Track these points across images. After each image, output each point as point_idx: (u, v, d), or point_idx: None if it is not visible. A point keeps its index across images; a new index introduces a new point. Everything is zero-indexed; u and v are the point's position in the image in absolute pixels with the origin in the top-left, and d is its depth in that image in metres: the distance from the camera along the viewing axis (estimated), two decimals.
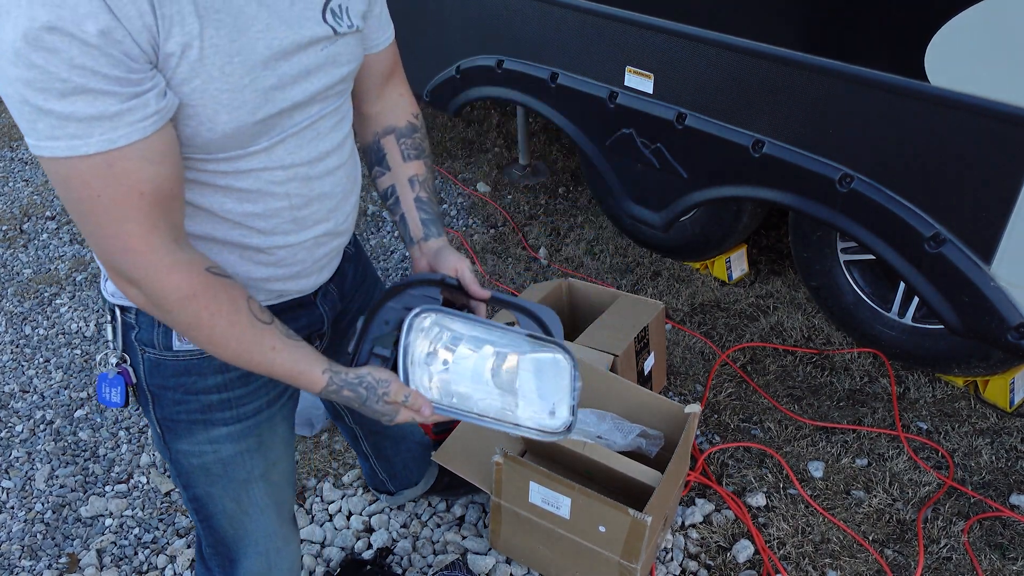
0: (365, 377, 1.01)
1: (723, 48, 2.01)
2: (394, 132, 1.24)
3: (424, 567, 1.90)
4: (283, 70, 0.91)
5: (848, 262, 2.45)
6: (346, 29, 0.99)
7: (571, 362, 1.09)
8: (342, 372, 1.00)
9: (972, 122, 1.65)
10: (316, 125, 1.00)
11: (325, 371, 0.98)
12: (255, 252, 1.03)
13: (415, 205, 1.21)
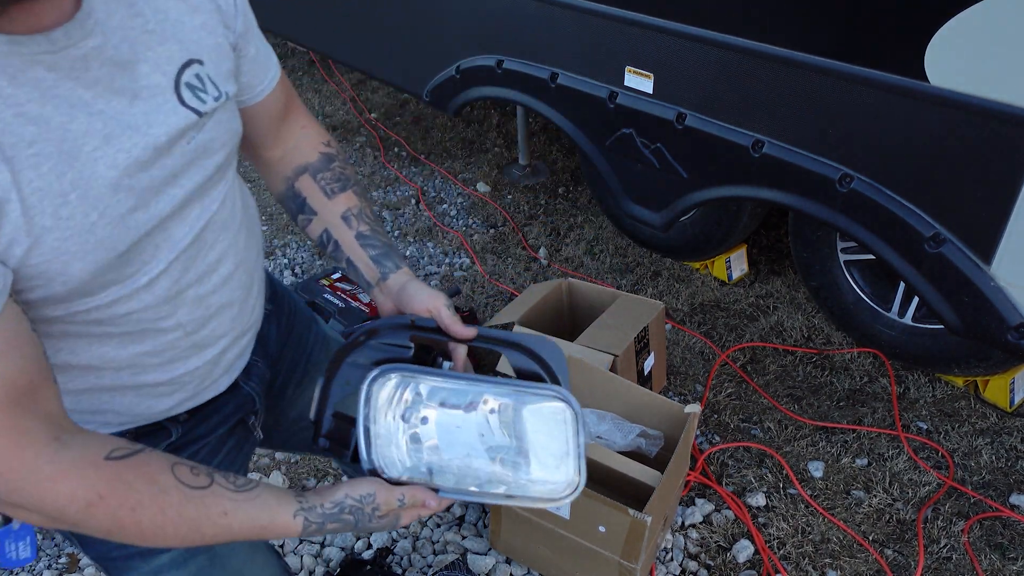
0: (344, 502, 0.83)
1: (723, 48, 2.01)
2: (307, 170, 1.05)
3: (424, 567, 1.90)
4: (142, 185, 0.72)
5: (848, 262, 2.45)
6: (212, 103, 0.80)
7: (573, 410, 0.88)
8: (316, 506, 0.82)
9: (972, 122, 1.65)
10: (202, 237, 0.83)
11: (297, 514, 0.81)
12: (153, 387, 0.87)
13: (359, 244, 1.02)
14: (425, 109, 4.31)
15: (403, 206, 3.46)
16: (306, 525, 0.81)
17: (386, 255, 1.02)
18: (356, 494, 0.84)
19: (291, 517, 0.80)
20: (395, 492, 0.84)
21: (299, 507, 0.81)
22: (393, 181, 3.66)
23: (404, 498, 0.85)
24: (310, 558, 1.93)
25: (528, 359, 0.91)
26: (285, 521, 0.80)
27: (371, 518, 0.84)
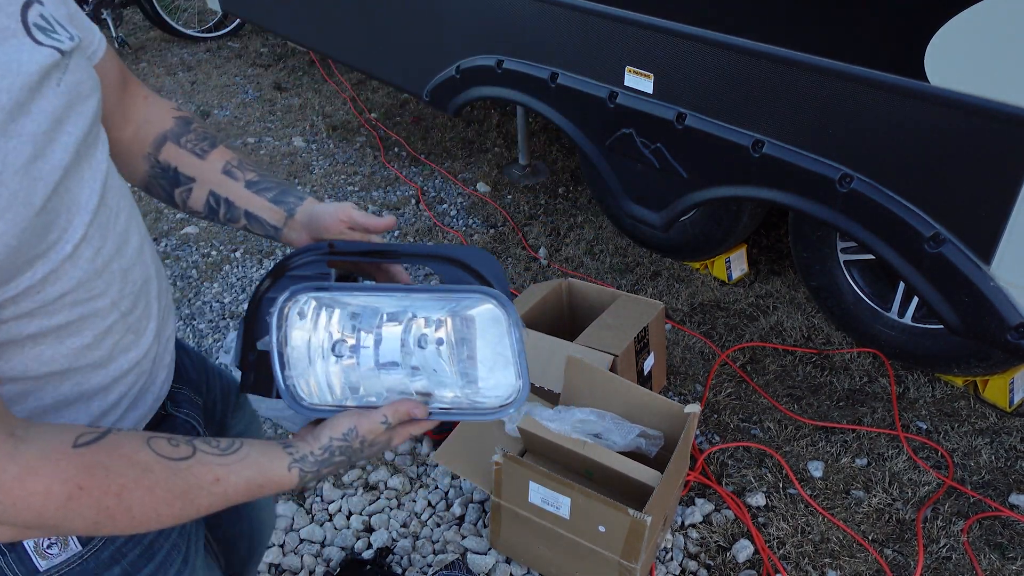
0: (331, 445, 0.81)
1: (723, 48, 2.02)
2: (168, 137, 0.96)
3: (424, 567, 1.90)
4: (29, 130, 0.66)
5: (848, 262, 2.45)
6: (69, 43, 0.73)
7: (506, 310, 0.82)
8: (307, 455, 0.80)
9: (972, 122, 1.66)
10: (106, 201, 0.77)
11: (291, 467, 0.78)
12: (97, 394, 0.80)
13: (252, 192, 0.95)
14: (425, 109, 4.31)
15: (403, 206, 3.46)
16: (302, 476, 0.79)
17: (285, 192, 0.96)
18: (339, 433, 0.81)
19: (286, 470, 0.78)
20: (375, 416, 0.81)
21: (292, 459, 0.79)
22: (393, 181, 3.66)
23: (387, 418, 0.81)
24: (310, 558, 1.93)
25: (458, 271, 0.87)
26: (280, 475, 0.78)
27: (362, 451, 0.82)
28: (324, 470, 0.81)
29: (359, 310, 0.83)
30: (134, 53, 5.39)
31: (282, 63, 5.10)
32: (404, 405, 0.81)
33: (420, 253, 0.87)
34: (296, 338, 0.82)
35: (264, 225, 0.95)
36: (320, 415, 0.83)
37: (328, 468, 0.81)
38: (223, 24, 5.61)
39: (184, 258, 3.17)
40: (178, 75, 4.99)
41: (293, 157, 3.90)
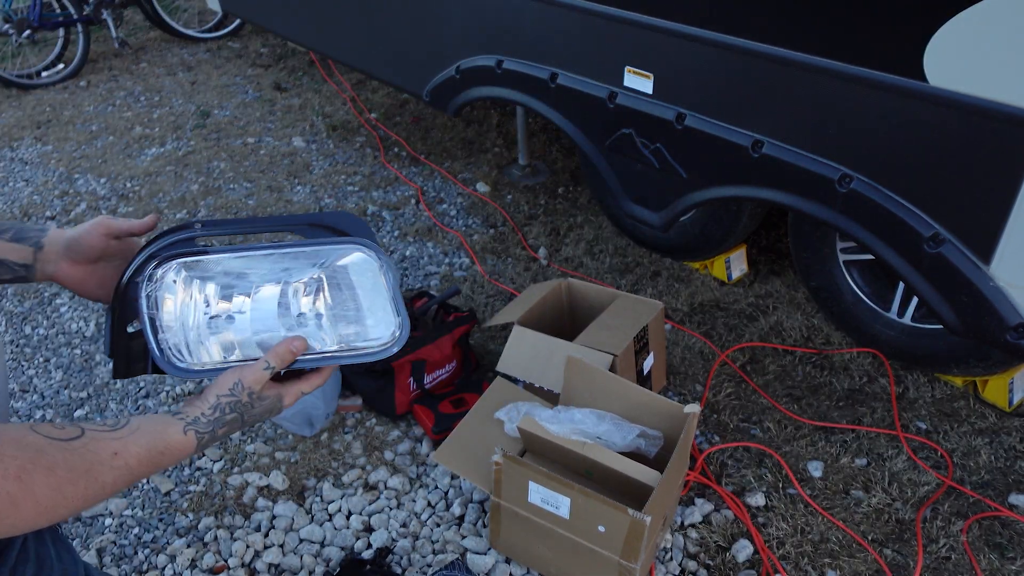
0: (219, 402, 0.80)
1: (723, 48, 2.02)
2: None
3: (424, 567, 1.90)
4: None
5: (847, 262, 2.45)
6: None
7: (376, 254, 0.85)
8: (198, 417, 0.79)
9: (971, 122, 1.66)
10: None
11: (186, 430, 0.77)
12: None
13: None
14: (425, 109, 4.31)
15: (403, 206, 3.46)
16: (199, 438, 0.78)
17: (22, 230, 0.90)
18: (225, 389, 0.80)
19: (182, 435, 0.77)
20: (258, 364, 0.81)
21: (184, 423, 0.78)
22: (393, 181, 3.66)
23: (270, 363, 0.81)
24: (310, 558, 1.93)
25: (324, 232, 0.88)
26: (178, 440, 0.76)
27: (253, 404, 0.81)
28: (219, 430, 0.80)
29: (232, 279, 0.84)
30: (134, 53, 5.39)
31: (282, 63, 5.10)
32: (282, 344, 0.82)
33: (287, 222, 0.88)
34: (168, 304, 0.82)
35: (9, 267, 0.88)
36: (200, 376, 0.84)
37: (223, 428, 0.80)
38: (223, 24, 5.61)
39: None
40: (178, 75, 5.00)
41: (293, 157, 3.90)
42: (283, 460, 2.22)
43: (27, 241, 0.89)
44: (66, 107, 4.61)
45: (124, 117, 4.45)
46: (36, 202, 3.63)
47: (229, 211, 3.46)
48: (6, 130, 4.35)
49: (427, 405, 2.30)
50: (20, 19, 4.82)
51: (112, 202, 3.59)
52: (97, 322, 2.84)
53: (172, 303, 0.82)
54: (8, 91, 4.83)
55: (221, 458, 2.23)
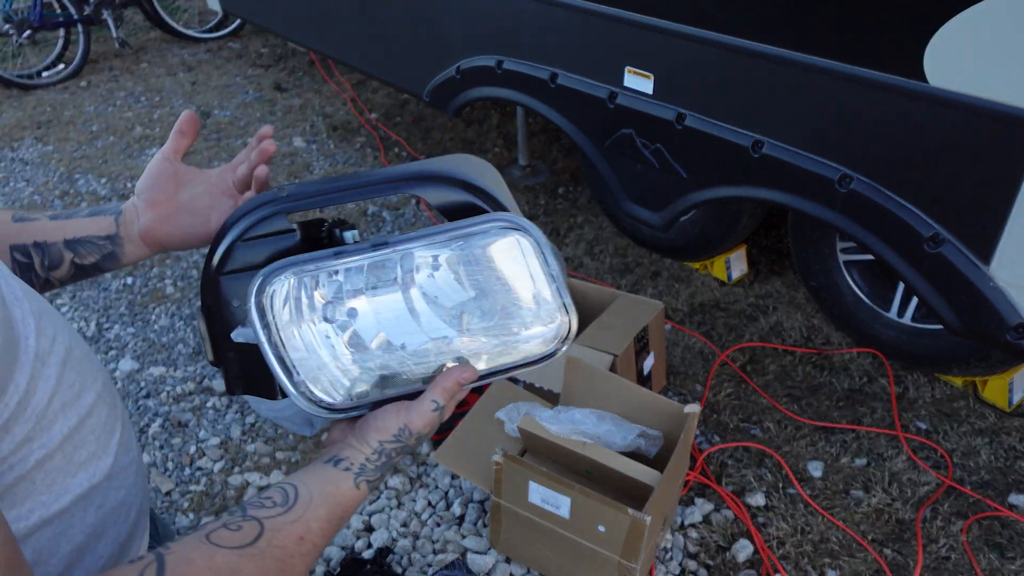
0: (384, 448, 0.71)
1: (723, 48, 2.02)
2: None
3: (424, 566, 1.90)
4: None
5: (847, 262, 2.45)
6: None
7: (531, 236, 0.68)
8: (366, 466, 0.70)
9: (971, 122, 1.66)
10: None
11: (358, 484, 0.70)
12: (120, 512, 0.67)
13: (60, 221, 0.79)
14: (425, 109, 4.32)
15: (403, 206, 3.46)
16: (370, 488, 0.71)
17: (96, 208, 0.81)
18: (389, 435, 0.71)
19: (355, 489, 0.69)
20: (425, 406, 0.70)
21: (353, 474, 0.69)
22: None
23: (439, 402, 0.70)
24: None
25: (452, 189, 0.70)
26: (352, 497, 0.69)
27: (418, 444, 0.73)
28: (385, 473, 0.73)
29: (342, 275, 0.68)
30: (134, 54, 5.39)
31: (282, 63, 5.10)
32: (451, 378, 0.70)
33: (394, 178, 0.69)
34: (291, 335, 0.68)
35: (93, 244, 0.79)
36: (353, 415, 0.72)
37: (387, 470, 0.73)
38: (224, 25, 5.61)
39: (184, 257, 3.17)
40: (178, 75, 5.00)
41: (293, 157, 3.91)
42: (284, 460, 2.22)
43: (105, 212, 0.80)
44: (67, 107, 4.61)
45: (124, 117, 4.45)
46: (37, 202, 3.64)
47: None
48: (7, 130, 4.36)
49: None
50: (21, 19, 4.83)
51: (112, 202, 3.59)
52: (98, 321, 2.84)
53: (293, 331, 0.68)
54: (9, 91, 4.83)
55: (222, 458, 2.23)
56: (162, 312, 2.88)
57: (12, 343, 0.54)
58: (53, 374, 0.59)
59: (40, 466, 0.58)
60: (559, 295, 0.69)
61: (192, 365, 2.61)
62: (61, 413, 0.59)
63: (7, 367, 0.53)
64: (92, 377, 0.64)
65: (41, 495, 0.58)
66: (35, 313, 0.59)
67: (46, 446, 0.58)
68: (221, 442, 2.29)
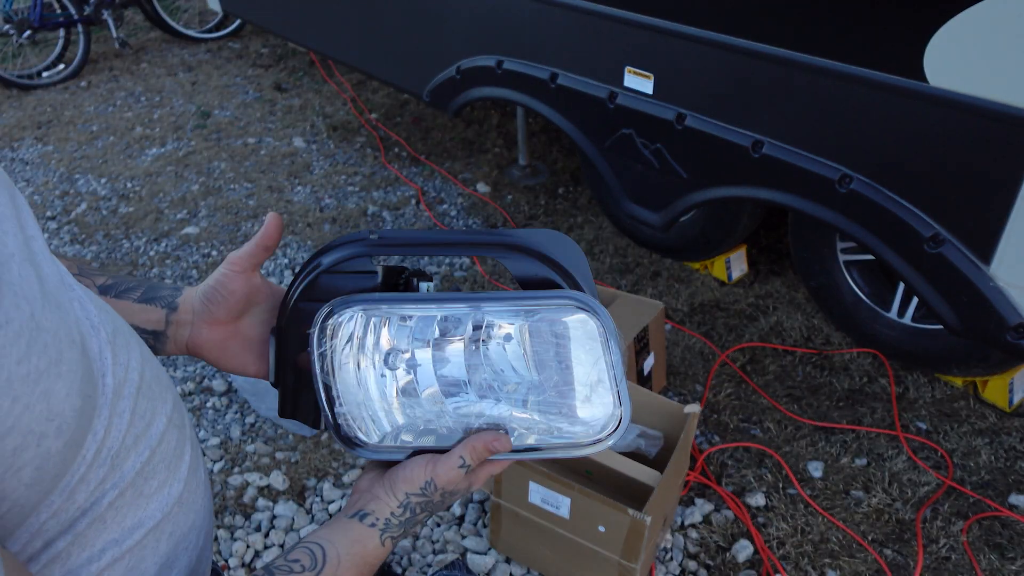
0: (409, 502, 0.69)
1: (723, 48, 2.02)
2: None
3: (424, 566, 1.90)
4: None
5: (847, 262, 2.45)
6: None
7: (600, 321, 0.66)
8: (391, 521, 0.69)
9: (971, 122, 1.66)
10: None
11: (384, 540, 0.69)
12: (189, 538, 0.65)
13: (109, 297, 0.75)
14: (425, 109, 4.32)
15: (403, 206, 3.46)
16: (393, 541, 0.70)
17: (152, 288, 0.76)
18: (416, 488, 0.69)
19: (380, 546, 0.68)
20: (451, 461, 0.68)
21: (380, 532, 0.68)
22: (393, 181, 3.66)
23: (465, 460, 0.68)
24: None
25: (534, 262, 0.69)
26: (377, 553, 0.68)
27: (442, 502, 0.71)
28: (408, 529, 0.71)
29: (414, 322, 0.69)
30: (134, 54, 5.39)
31: (282, 64, 5.10)
32: (481, 440, 0.69)
33: (480, 242, 0.70)
34: (346, 368, 0.68)
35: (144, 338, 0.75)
36: (384, 457, 0.72)
37: (411, 527, 0.71)
38: (224, 25, 5.61)
39: (184, 258, 3.17)
40: (179, 76, 5.00)
41: (293, 157, 3.91)
42: (283, 460, 2.22)
43: (159, 301, 0.75)
44: (67, 107, 4.61)
45: (125, 117, 4.45)
46: (37, 202, 3.63)
47: (230, 211, 3.47)
48: (7, 130, 4.36)
49: None
50: (21, 19, 4.83)
51: (113, 202, 3.59)
52: None
53: (348, 362, 0.68)
54: (9, 91, 4.83)
55: (221, 458, 2.23)
56: None
57: (93, 393, 0.51)
58: (127, 407, 0.56)
59: (112, 505, 0.55)
60: (615, 384, 0.67)
61: (192, 365, 2.61)
62: (133, 448, 0.57)
63: (88, 421, 0.51)
64: (162, 399, 0.62)
65: (112, 533, 0.56)
66: (110, 340, 0.56)
67: (118, 486, 0.55)
68: (221, 442, 2.29)
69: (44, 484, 0.47)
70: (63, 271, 0.54)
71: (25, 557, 0.49)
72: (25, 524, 0.48)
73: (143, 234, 3.33)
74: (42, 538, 0.50)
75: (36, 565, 0.50)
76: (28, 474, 0.45)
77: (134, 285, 0.75)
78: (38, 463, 0.45)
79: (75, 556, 0.53)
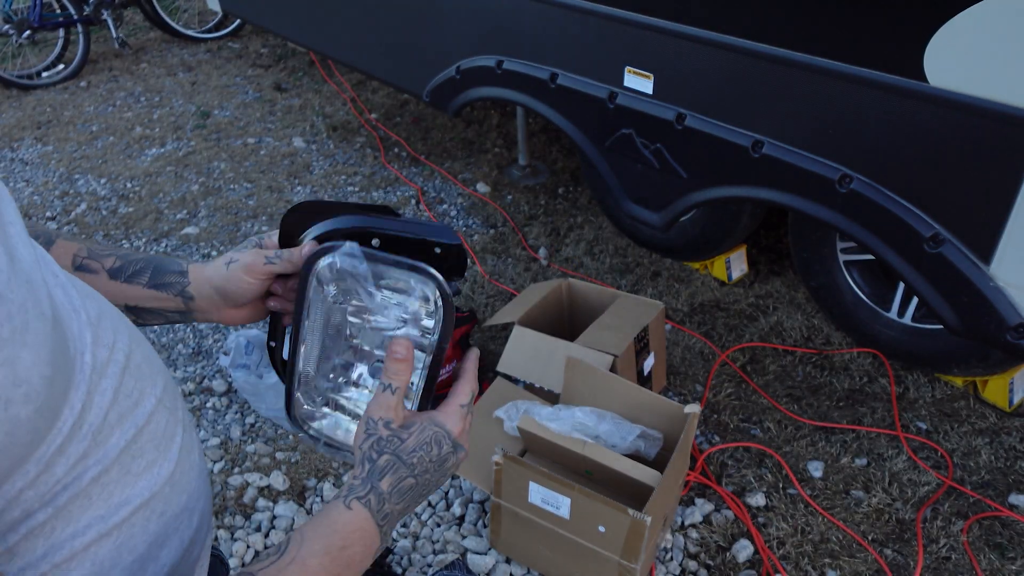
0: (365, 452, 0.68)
1: (723, 48, 2.02)
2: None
3: (424, 567, 1.90)
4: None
5: (847, 262, 2.45)
6: None
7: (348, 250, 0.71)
8: (353, 483, 0.66)
9: (971, 122, 1.66)
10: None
11: (348, 501, 0.65)
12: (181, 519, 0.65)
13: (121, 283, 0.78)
14: (425, 109, 4.32)
15: (403, 206, 3.46)
16: (366, 505, 0.64)
17: (159, 271, 0.79)
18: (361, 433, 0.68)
19: (347, 510, 0.64)
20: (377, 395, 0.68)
21: (344, 498, 0.65)
22: (393, 181, 3.66)
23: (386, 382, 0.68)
24: None
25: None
26: (347, 520, 0.63)
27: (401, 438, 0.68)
28: (382, 484, 0.66)
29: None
30: (134, 54, 5.39)
31: (282, 64, 5.10)
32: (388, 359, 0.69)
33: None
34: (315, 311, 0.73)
35: (163, 315, 0.81)
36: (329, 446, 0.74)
37: (383, 479, 0.66)
38: (223, 25, 5.61)
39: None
40: (178, 76, 5.00)
41: (293, 157, 3.91)
42: (284, 460, 2.22)
43: (170, 289, 0.79)
44: (66, 107, 4.61)
45: (124, 117, 4.45)
46: (36, 202, 3.63)
47: (229, 211, 3.47)
48: (6, 130, 4.35)
49: None
50: (20, 19, 4.82)
51: (112, 202, 3.59)
52: None
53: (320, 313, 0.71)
54: (8, 91, 4.83)
55: (222, 458, 2.23)
56: None
57: (67, 366, 0.53)
58: (111, 386, 0.58)
59: (96, 481, 0.56)
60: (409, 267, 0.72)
61: (192, 365, 2.61)
62: (118, 426, 0.58)
63: (61, 392, 0.52)
64: (152, 381, 0.63)
65: (98, 509, 0.57)
66: (92, 322, 0.58)
67: (101, 462, 0.56)
68: (221, 442, 2.29)
69: (16, 450, 0.48)
70: (47, 258, 0.57)
71: (4, 525, 0.51)
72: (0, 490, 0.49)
73: (143, 234, 3.33)
74: (20, 507, 0.51)
75: (15, 535, 0.51)
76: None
77: (141, 267, 0.78)
78: (8, 428, 0.46)
79: (59, 531, 0.54)
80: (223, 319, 0.80)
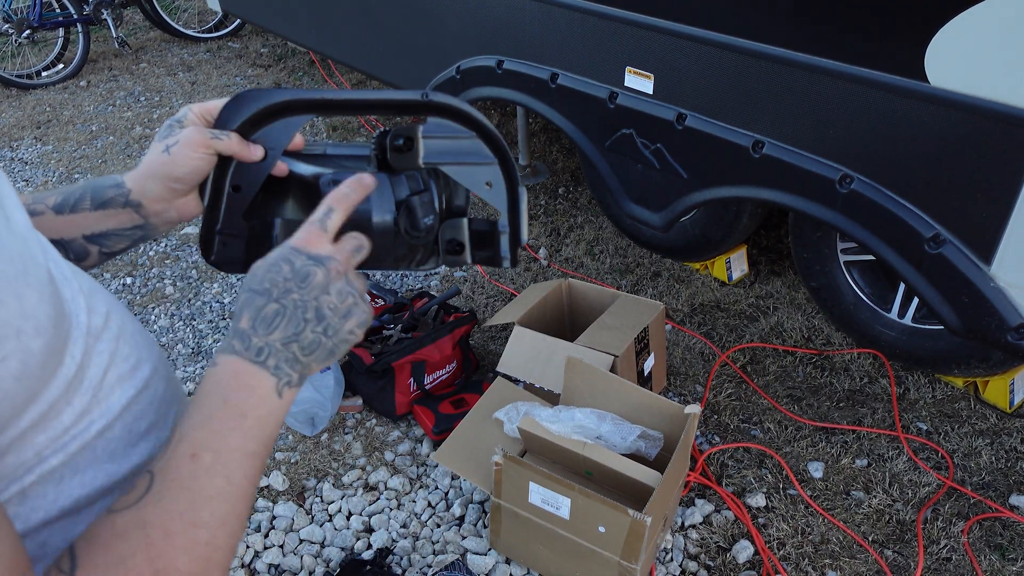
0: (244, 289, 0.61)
1: (723, 48, 2.01)
2: None
3: (424, 567, 1.90)
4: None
5: (848, 262, 2.45)
6: None
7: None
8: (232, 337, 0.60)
9: (972, 122, 1.65)
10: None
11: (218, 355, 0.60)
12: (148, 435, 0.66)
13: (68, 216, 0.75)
14: None
15: None
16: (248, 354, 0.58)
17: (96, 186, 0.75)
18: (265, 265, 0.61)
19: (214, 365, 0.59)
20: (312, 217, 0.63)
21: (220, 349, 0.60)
22: None
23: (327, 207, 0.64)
24: (310, 558, 1.93)
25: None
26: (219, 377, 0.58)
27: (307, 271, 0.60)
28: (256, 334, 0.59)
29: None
30: (134, 54, 5.39)
31: (282, 63, 5.10)
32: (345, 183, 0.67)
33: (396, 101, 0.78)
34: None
35: (122, 236, 0.76)
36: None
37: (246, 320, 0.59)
38: (223, 24, 5.61)
39: (184, 258, 3.17)
40: (178, 75, 4.99)
41: None
42: (283, 460, 2.22)
43: (113, 204, 0.74)
44: (66, 107, 4.61)
45: (124, 117, 4.44)
46: None
47: None
48: (6, 130, 4.35)
49: (427, 406, 2.30)
50: (20, 19, 4.82)
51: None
52: None
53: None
54: (8, 91, 4.83)
55: None
56: (161, 312, 2.87)
57: (64, 318, 0.56)
58: (107, 348, 0.61)
59: (101, 435, 0.60)
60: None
61: (192, 365, 2.60)
62: (117, 385, 0.61)
63: (62, 339, 0.55)
64: (148, 351, 0.66)
65: (104, 463, 0.60)
66: (85, 292, 0.61)
67: (105, 416, 0.60)
68: None
69: (29, 383, 0.51)
70: (38, 235, 0.59)
71: (18, 465, 0.54)
72: (13, 424, 0.52)
73: None
74: (33, 449, 0.54)
75: (31, 476, 0.55)
76: (14, 366, 0.49)
77: (80, 194, 0.76)
78: (21, 357, 0.49)
79: (67, 480, 0.57)
80: (181, 214, 0.76)
